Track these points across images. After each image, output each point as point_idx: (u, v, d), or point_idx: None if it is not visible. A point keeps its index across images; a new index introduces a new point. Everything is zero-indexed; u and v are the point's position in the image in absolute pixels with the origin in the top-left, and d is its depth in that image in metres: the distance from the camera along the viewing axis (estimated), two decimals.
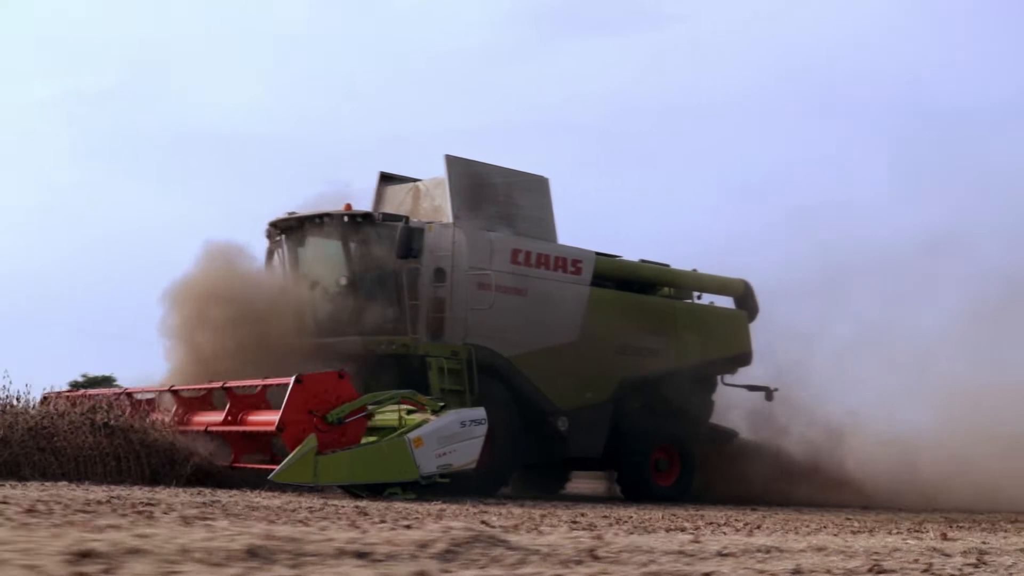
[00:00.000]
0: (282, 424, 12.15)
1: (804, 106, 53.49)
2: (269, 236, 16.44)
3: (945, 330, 20.07)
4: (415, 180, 17.32)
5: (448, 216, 16.14)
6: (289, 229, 16.17)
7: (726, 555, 5.52)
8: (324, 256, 16.10)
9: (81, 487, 10.71)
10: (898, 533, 9.32)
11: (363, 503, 11.03)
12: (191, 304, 15.45)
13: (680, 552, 5.46)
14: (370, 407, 12.83)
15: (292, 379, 12.40)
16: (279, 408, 12.85)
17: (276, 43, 55.96)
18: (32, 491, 9.26)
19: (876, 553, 6.02)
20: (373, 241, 15.58)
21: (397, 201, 17.03)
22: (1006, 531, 10.91)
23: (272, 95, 56.02)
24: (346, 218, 15.62)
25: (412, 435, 12.74)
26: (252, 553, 4.15)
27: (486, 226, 16.30)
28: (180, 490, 11.31)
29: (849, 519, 12.57)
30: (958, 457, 18.48)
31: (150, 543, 4.13)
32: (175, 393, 14.27)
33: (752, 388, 19.19)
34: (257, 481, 12.67)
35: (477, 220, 16.23)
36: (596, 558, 4.97)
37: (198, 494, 10.66)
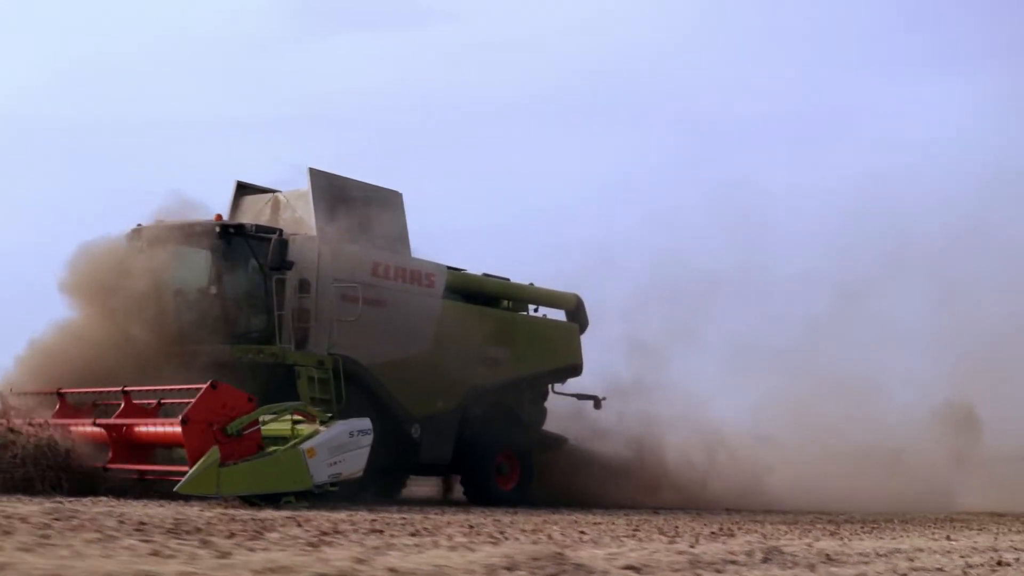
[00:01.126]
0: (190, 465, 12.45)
1: (571, 115, 55.36)
2: (130, 240, 16.41)
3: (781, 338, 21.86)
4: (273, 191, 17.61)
5: (311, 228, 16.55)
6: (156, 236, 16.20)
7: (882, 555, 6.55)
8: (193, 265, 16.20)
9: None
10: (907, 535, 10.50)
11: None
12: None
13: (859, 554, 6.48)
14: (265, 418, 13.20)
15: (179, 420, 12.61)
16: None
17: (25, 20, 53.67)
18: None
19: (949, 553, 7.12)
20: (244, 252, 15.84)
21: (255, 211, 17.28)
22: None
23: (18, 74, 53.73)
24: (218, 228, 15.82)
25: (305, 446, 13.16)
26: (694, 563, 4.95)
27: (347, 239, 16.79)
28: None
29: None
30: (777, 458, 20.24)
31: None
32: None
33: (581, 397, 20.30)
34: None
35: (339, 233, 16.70)
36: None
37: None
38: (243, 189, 17.65)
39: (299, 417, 13.68)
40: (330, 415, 13.88)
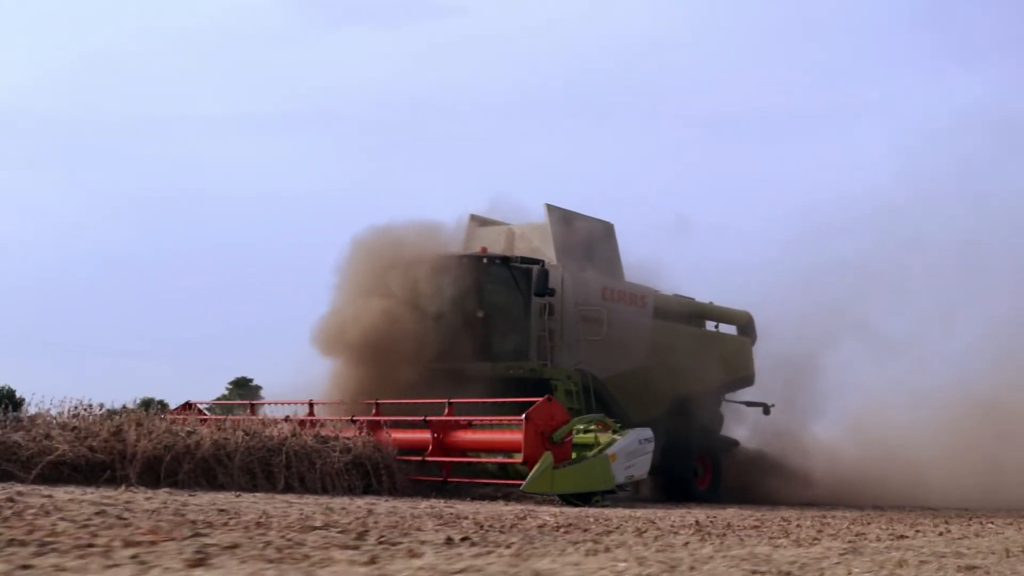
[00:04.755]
0: (525, 459, 14.50)
1: (572, 109, 57.22)
2: (392, 269, 18.37)
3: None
4: (503, 224, 19.68)
5: (550, 258, 18.62)
6: (422, 265, 18.17)
7: None
8: (461, 291, 18.11)
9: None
10: None
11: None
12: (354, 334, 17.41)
13: None
14: (579, 428, 15.32)
15: (523, 416, 14.60)
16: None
17: (26, 16, 54.67)
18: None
19: None
20: (507, 280, 17.91)
21: (490, 242, 19.30)
22: None
23: (29, 70, 54.76)
24: (485, 259, 17.90)
25: (609, 451, 15.30)
26: None
27: (581, 267, 18.91)
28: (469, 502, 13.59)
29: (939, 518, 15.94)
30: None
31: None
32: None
33: (751, 404, 22.49)
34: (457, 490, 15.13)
35: (575, 262, 18.82)
36: None
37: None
38: (476, 220, 19.71)
39: (596, 427, 15.80)
40: (620, 424, 15.99)
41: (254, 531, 6.54)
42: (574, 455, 15.19)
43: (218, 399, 38.84)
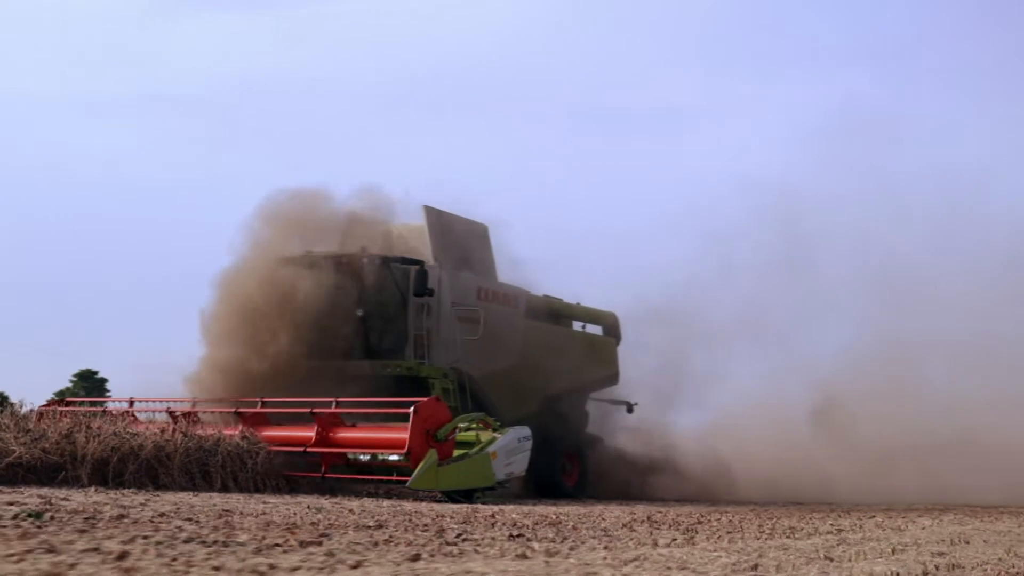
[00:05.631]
0: (408, 451, 14.81)
1: (446, 102, 57.58)
2: (280, 267, 18.40)
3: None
4: (381, 223, 19.84)
5: (427, 258, 18.93)
6: (303, 265, 18.30)
7: None
8: (339, 289, 18.27)
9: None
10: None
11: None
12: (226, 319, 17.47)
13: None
14: (461, 426, 15.70)
15: (410, 411, 14.90)
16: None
17: None
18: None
19: None
20: (386, 279, 18.17)
21: (367, 241, 19.43)
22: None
23: None
24: (365, 259, 18.11)
25: (490, 449, 15.73)
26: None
27: (457, 267, 19.27)
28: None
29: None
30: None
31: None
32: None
33: (615, 403, 23.14)
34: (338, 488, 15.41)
35: (452, 262, 19.17)
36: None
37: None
38: (353, 218, 19.86)
39: (478, 425, 16.20)
40: (500, 423, 16.42)
41: (370, 532, 6.87)
42: (461, 452, 15.61)
43: (63, 392, 38.10)
